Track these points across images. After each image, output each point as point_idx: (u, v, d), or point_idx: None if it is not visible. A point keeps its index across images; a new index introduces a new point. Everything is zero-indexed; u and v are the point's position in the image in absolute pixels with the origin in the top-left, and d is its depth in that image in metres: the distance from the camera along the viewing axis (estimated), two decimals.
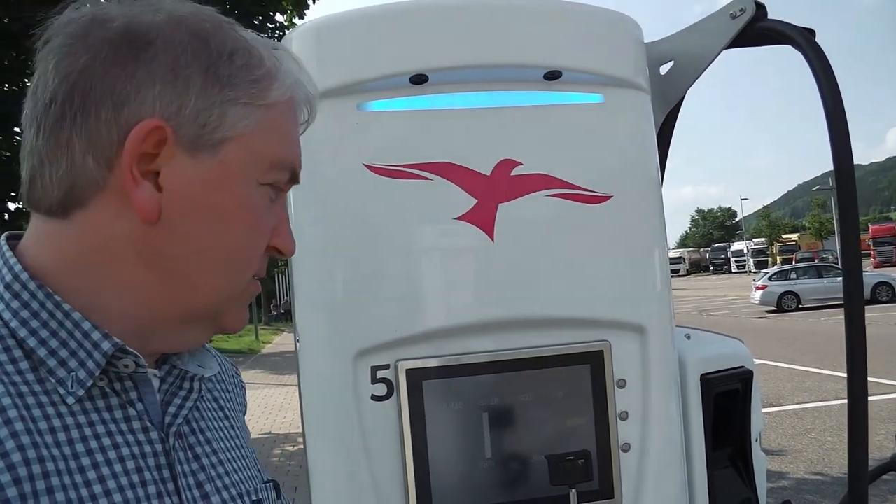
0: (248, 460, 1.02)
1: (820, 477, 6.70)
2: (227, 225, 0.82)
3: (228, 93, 0.81)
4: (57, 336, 0.79)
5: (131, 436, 0.81)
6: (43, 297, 0.80)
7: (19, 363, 0.77)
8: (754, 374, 1.53)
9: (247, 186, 0.82)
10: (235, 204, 0.82)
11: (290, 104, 0.86)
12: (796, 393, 10.51)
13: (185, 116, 0.78)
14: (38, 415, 0.75)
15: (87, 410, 0.79)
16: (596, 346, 1.33)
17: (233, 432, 1.02)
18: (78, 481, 0.74)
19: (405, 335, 1.27)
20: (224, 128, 0.80)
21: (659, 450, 1.36)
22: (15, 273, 0.80)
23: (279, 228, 0.87)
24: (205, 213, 0.81)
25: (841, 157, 1.27)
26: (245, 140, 0.81)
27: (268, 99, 0.82)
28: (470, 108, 1.31)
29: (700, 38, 1.47)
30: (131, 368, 0.82)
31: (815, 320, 21.24)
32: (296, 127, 0.89)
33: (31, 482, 0.70)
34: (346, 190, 1.29)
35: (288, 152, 0.86)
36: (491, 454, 1.28)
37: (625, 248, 1.35)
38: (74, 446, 0.75)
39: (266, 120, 0.82)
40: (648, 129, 1.42)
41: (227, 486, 0.93)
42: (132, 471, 0.79)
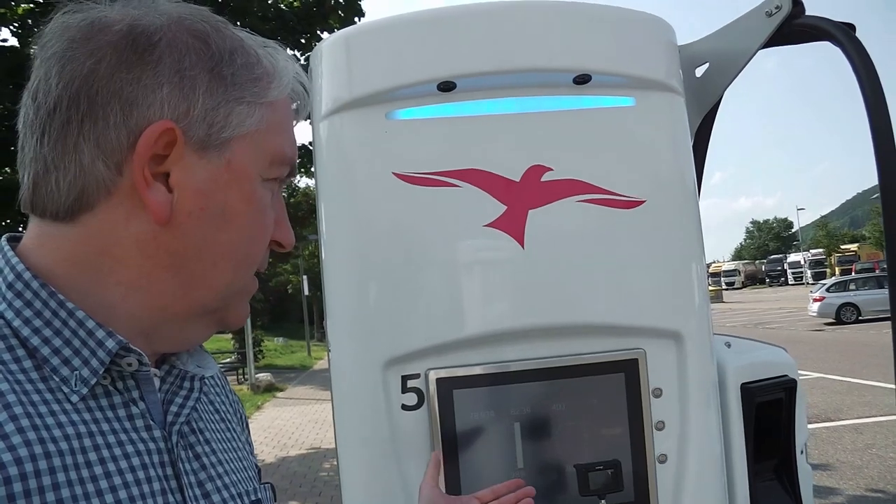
0: (245, 461, 1.02)
1: (881, 494, 6.48)
2: (234, 222, 0.83)
3: (233, 92, 0.82)
4: (60, 335, 0.80)
5: (135, 434, 0.81)
6: (46, 295, 0.80)
7: (23, 362, 0.78)
8: (798, 384, 1.48)
9: (252, 183, 0.84)
10: (242, 201, 0.83)
11: (287, 100, 0.88)
12: (856, 407, 10.20)
13: (193, 117, 0.79)
14: (44, 411, 0.75)
15: (90, 408, 0.79)
16: (630, 355, 1.30)
17: (229, 434, 1.02)
18: (84, 476, 0.74)
19: (435, 344, 1.26)
20: (230, 127, 0.82)
21: (697, 461, 1.32)
22: (17, 272, 0.81)
23: (279, 222, 0.88)
24: (213, 211, 0.82)
25: (884, 157, 1.23)
26: (250, 138, 0.83)
27: (268, 97, 0.84)
28: (498, 115, 1.30)
29: (735, 37, 1.44)
30: (134, 367, 0.82)
31: (877, 332, 20.63)
32: (291, 122, 0.90)
33: (38, 477, 0.70)
34: (376, 199, 1.29)
35: (287, 147, 0.87)
36: (523, 464, 1.26)
37: (659, 252, 1.32)
38: (81, 441, 0.76)
39: (268, 117, 0.84)
40: (682, 132, 1.39)
41: (226, 486, 0.93)
42: (137, 467, 0.79)
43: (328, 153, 1.32)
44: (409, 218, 1.27)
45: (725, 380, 1.39)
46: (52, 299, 0.80)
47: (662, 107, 1.35)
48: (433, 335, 1.27)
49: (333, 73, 1.33)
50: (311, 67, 1.37)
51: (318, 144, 1.34)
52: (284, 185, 0.92)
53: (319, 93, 1.33)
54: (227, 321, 0.89)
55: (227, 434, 1.02)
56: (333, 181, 1.32)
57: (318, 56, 1.35)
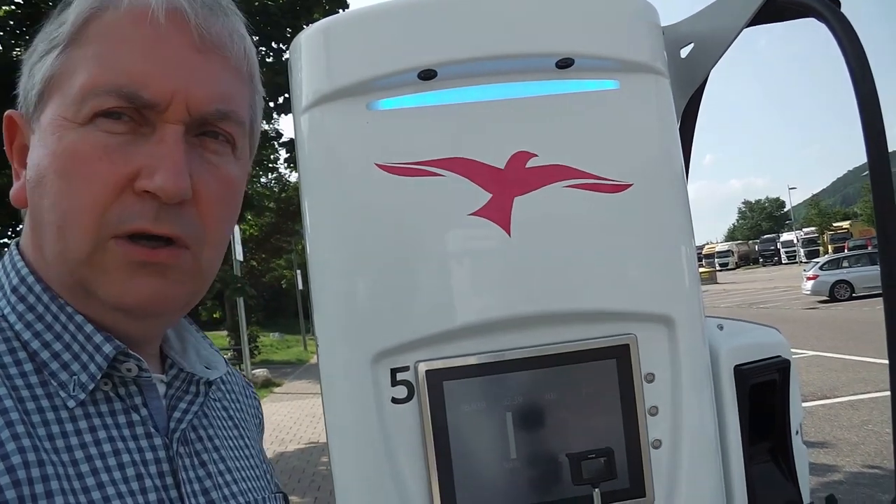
0: (257, 469, 1.00)
1: (878, 470, 6.51)
2: (47, 184, 0.77)
3: (39, 49, 0.81)
4: (61, 339, 0.79)
5: (133, 442, 0.80)
6: (48, 299, 0.80)
7: (24, 365, 0.77)
8: (792, 364, 1.47)
9: (58, 134, 0.77)
10: (47, 157, 0.77)
11: (106, 19, 0.78)
12: (852, 384, 10.26)
13: (23, 97, 0.81)
14: (40, 419, 0.75)
15: (89, 415, 0.78)
16: (622, 340, 1.28)
17: (241, 441, 1.00)
18: (76, 487, 0.73)
19: (423, 335, 1.25)
20: (35, 87, 0.81)
21: (692, 445, 1.31)
22: (22, 276, 0.81)
23: (149, 167, 0.77)
24: (35, 181, 0.79)
25: (872, 134, 1.21)
26: (54, 87, 0.78)
27: (63, 31, 0.79)
28: (481, 102, 1.28)
29: (720, 16, 1.42)
30: (134, 372, 0.81)
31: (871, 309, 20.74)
32: (121, 40, 0.78)
33: (31, 485, 0.69)
34: (360, 191, 1.27)
35: (102, 73, 0.77)
36: (516, 454, 1.25)
37: (648, 236, 1.31)
38: (74, 453, 0.75)
39: (69, 53, 0.78)
40: (668, 114, 1.37)
41: (234, 495, 0.91)
42: (132, 478, 0.78)
43: (310, 146, 1.30)
44: (394, 209, 1.26)
45: (718, 362, 1.38)
46: (53, 303, 0.80)
47: (647, 89, 1.34)
48: (421, 327, 1.25)
49: (313, 65, 1.31)
50: (290, 60, 1.35)
51: (300, 138, 1.32)
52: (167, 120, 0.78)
53: (300, 86, 1.31)
54: (103, 299, 0.78)
55: (240, 441, 1.00)
56: (316, 174, 1.30)
57: (297, 48, 1.33)
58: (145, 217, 0.77)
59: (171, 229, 0.79)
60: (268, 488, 1.02)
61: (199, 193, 0.81)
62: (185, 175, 0.78)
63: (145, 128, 0.78)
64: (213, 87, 0.82)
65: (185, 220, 0.80)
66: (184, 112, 0.79)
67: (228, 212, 0.87)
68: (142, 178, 0.76)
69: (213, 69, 0.82)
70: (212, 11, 0.82)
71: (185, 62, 0.80)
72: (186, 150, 0.79)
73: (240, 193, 0.90)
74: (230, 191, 0.86)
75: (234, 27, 0.86)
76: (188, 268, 0.83)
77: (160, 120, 0.79)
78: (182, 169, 0.77)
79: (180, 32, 0.80)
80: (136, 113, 0.78)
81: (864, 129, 1.20)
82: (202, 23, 0.81)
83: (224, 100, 0.83)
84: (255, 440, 1.07)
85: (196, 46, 0.81)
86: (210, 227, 0.84)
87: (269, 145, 11.20)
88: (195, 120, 0.81)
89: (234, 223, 0.90)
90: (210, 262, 0.86)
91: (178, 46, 0.80)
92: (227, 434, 0.98)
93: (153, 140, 0.78)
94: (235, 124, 0.86)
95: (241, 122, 0.88)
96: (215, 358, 0.98)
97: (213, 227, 0.84)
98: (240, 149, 0.89)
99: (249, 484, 0.96)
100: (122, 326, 0.81)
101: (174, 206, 0.78)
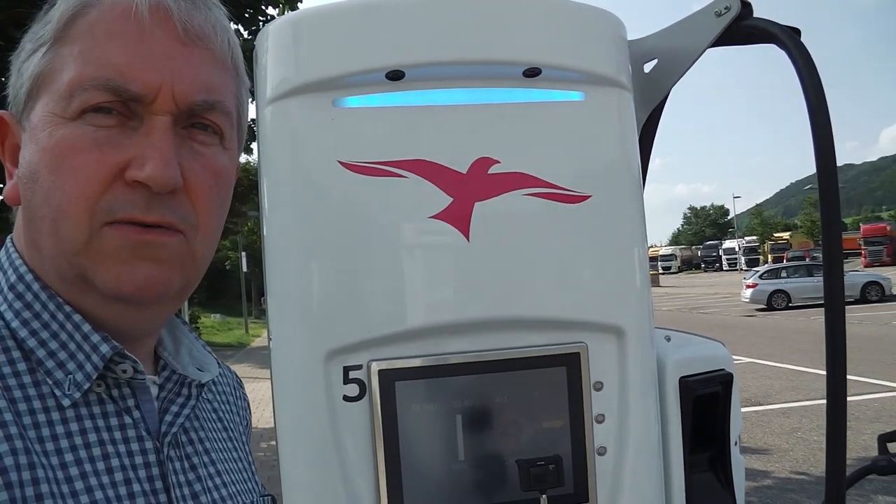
0: (246, 472, 1.01)
1: (805, 476, 6.73)
2: (39, 179, 0.78)
3: (26, 49, 0.82)
4: (57, 338, 0.79)
5: (123, 445, 0.80)
6: (45, 298, 0.80)
7: (17, 364, 0.77)
8: (734, 377, 1.51)
9: (48, 129, 0.78)
10: (38, 153, 0.78)
11: (91, 16, 0.80)
12: (784, 392, 10.56)
13: (12, 97, 0.82)
14: (31, 421, 0.74)
15: (81, 416, 0.78)
16: (572, 348, 1.31)
17: (230, 444, 1.01)
18: (66, 491, 0.73)
19: (378, 335, 1.25)
20: (24, 85, 0.81)
21: (636, 453, 1.34)
22: (20, 274, 0.81)
23: (139, 157, 0.78)
24: (27, 178, 0.80)
25: (824, 157, 1.25)
26: (43, 85, 0.79)
27: (49, 30, 0.80)
28: (447, 105, 1.29)
29: (684, 35, 1.45)
30: (129, 374, 0.81)
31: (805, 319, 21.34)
32: (106, 35, 0.79)
33: (21, 488, 0.69)
34: (320, 187, 1.26)
35: (89, 68, 0.78)
36: (464, 457, 1.26)
37: (603, 248, 1.33)
38: (64, 455, 0.75)
39: (57, 51, 0.79)
40: (630, 128, 1.40)
41: (224, 498, 0.92)
42: (121, 482, 0.78)
43: (273, 139, 1.29)
44: (355, 208, 1.26)
45: (664, 373, 1.42)
46: (51, 301, 0.80)
47: (611, 102, 1.36)
48: (376, 326, 1.25)
49: (280, 57, 1.30)
50: (256, 51, 1.34)
51: (263, 128, 1.31)
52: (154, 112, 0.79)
53: (265, 76, 1.30)
54: (102, 288, 0.79)
55: (229, 444, 1.00)
56: (277, 168, 1.29)
57: (264, 39, 1.32)
58: (136, 206, 0.78)
59: (161, 217, 0.80)
60: (256, 491, 1.03)
61: (189, 183, 0.82)
62: (174, 164, 0.79)
63: (133, 121, 0.79)
64: (198, 79, 0.83)
65: (176, 208, 0.81)
66: (171, 103, 0.80)
67: (219, 201, 0.88)
68: (132, 168, 0.77)
69: (198, 61, 0.84)
70: (194, 5, 0.84)
71: (171, 55, 0.81)
72: (175, 141, 0.80)
73: (230, 184, 0.91)
74: (220, 180, 0.87)
75: (217, 19, 0.87)
76: (181, 251, 0.83)
77: (148, 112, 0.79)
78: (171, 158, 0.78)
79: (164, 26, 0.81)
80: (123, 106, 0.79)
81: (818, 160, 1.24)
82: (185, 16, 0.82)
83: (210, 90, 0.84)
84: (243, 442, 1.07)
85: (180, 39, 0.82)
86: (202, 215, 0.85)
87: None
88: (182, 111, 0.82)
89: (225, 214, 0.91)
90: (204, 249, 0.87)
91: (162, 40, 0.80)
92: (217, 437, 0.98)
93: (141, 132, 0.79)
94: (222, 115, 0.87)
95: (228, 112, 0.89)
96: (208, 359, 0.98)
97: (204, 216, 0.85)
98: (228, 139, 0.90)
99: (238, 487, 0.97)
100: (121, 318, 0.82)
101: (165, 196, 0.79)
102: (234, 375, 1.15)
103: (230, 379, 1.14)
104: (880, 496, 5.93)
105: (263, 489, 1.09)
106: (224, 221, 0.93)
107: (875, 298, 25.44)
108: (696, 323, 21.32)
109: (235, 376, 1.15)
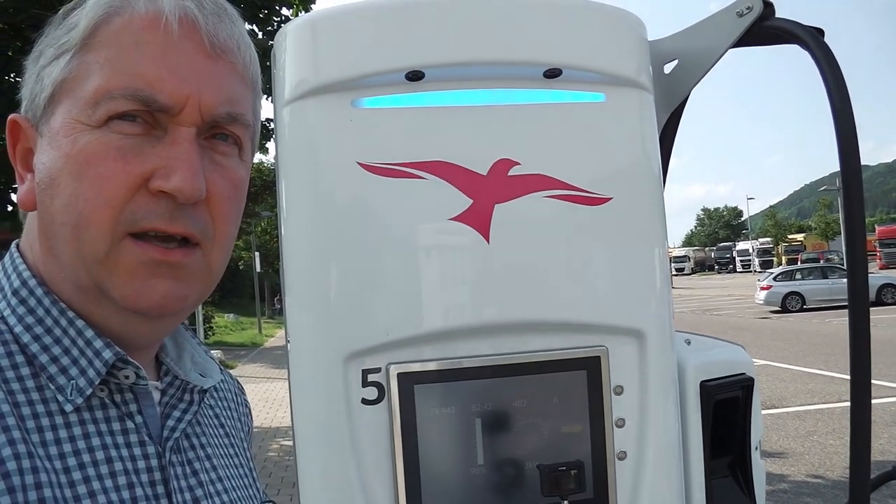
0: (247, 478, 1.01)
1: (821, 480, 6.68)
2: (60, 185, 0.78)
3: (46, 54, 0.82)
4: (60, 343, 0.79)
5: (126, 450, 0.80)
6: (49, 303, 0.80)
7: (20, 369, 0.77)
8: (755, 382, 1.50)
9: (71, 136, 0.78)
10: (60, 159, 0.78)
11: (117, 24, 0.80)
12: (799, 395, 10.48)
13: (29, 101, 0.82)
14: (34, 425, 0.75)
15: (84, 421, 0.78)
16: (593, 352, 1.29)
17: (232, 450, 1.01)
18: (68, 495, 0.74)
19: (397, 338, 1.24)
20: (44, 90, 0.82)
21: (656, 458, 1.32)
22: (23, 279, 0.81)
23: (165, 168, 0.78)
24: (45, 181, 0.80)
25: (848, 158, 1.24)
26: (65, 91, 0.79)
27: (74, 36, 0.79)
28: (467, 107, 1.28)
29: (705, 36, 1.44)
30: (132, 380, 0.82)
31: (820, 321, 21.20)
32: (134, 45, 0.79)
33: (24, 492, 0.69)
34: (340, 188, 1.26)
35: (117, 77, 0.78)
36: (483, 461, 1.25)
37: (624, 251, 1.32)
38: (67, 460, 0.75)
39: (81, 58, 0.79)
40: (651, 130, 1.38)
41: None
42: (123, 486, 0.78)
43: (291, 140, 1.29)
44: (374, 210, 1.25)
45: (685, 377, 1.40)
46: (54, 307, 0.80)
47: (632, 104, 1.35)
48: (395, 329, 1.25)
49: (298, 57, 1.29)
50: (274, 51, 1.33)
51: (281, 129, 1.30)
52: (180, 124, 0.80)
53: (283, 77, 1.30)
54: (119, 301, 0.79)
55: (231, 449, 1.01)
56: (296, 169, 1.29)
57: (282, 39, 1.31)
58: (160, 216, 0.78)
59: (185, 228, 0.80)
60: (257, 496, 1.03)
61: (210, 194, 0.83)
62: (200, 176, 0.80)
63: (158, 130, 0.80)
64: (223, 91, 0.84)
65: (197, 220, 0.82)
66: (196, 115, 0.81)
67: (236, 212, 0.89)
68: (157, 178, 0.77)
69: (223, 74, 0.85)
70: (220, 19, 0.85)
71: (197, 67, 0.82)
72: (199, 152, 0.80)
73: (244, 194, 0.92)
74: (237, 191, 0.88)
75: (241, 35, 0.88)
76: (199, 267, 0.84)
77: (173, 123, 0.80)
78: (198, 170, 0.79)
79: (191, 39, 0.82)
80: (149, 116, 0.79)
81: (842, 161, 1.22)
82: (212, 29, 0.83)
83: (233, 103, 0.85)
84: (244, 448, 1.07)
85: (206, 52, 0.83)
86: (219, 225, 0.86)
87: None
88: (206, 123, 0.83)
89: (239, 223, 0.91)
90: (219, 261, 0.88)
91: (190, 52, 0.81)
92: (219, 442, 0.99)
93: (166, 142, 0.79)
94: (242, 127, 0.88)
95: (248, 125, 0.89)
96: (210, 365, 0.98)
97: (222, 227, 0.86)
98: (245, 151, 0.91)
99: (240, 493, 0.97)
100: (131, 328, 0.82)
101: (188, 207, 0.80)
102: (236, 382, 1.16)
103: (232, 385, 1.15)
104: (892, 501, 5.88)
105: (265, 495, 1.09)
106: (238, 232, 0.93)
107: (891, 301, 25.25)
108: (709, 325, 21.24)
109: (237, 383, 1.16)
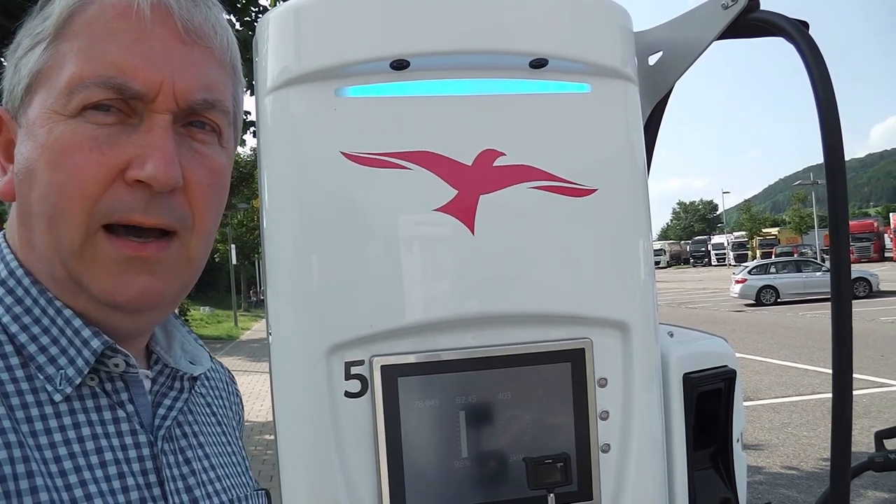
0: (239, 467, 1.01)
1: (795, 472, 6.76)
2: (36, 176, 0.78)
3: (19, 50, 0.81)
4: (48, 333, 0.79)
5: (117, 439, 0.80)
6: (36, 293, 0.80)
7: (10, 359, 0.76)
8: (737, 374, 1.50)
9: (46, 126, 0.77)
10: (36, 150, 0.78)
11: (90, 12, 0.79)
12: (774, 387, 10.60)
13: (8, 93, 0.81)
14: (24, 415, 0.75)
15: (74, 410, 0.78)
16: (577, 344, 1.29)
17: (224, 438, 1.01)
18: (59, 484, 0.73)
19: (380, 330, 1.23)
20: (21, 81, 0.80)
21: (639, 450, 1.32)
22: (11, 269, 0.81)
23: (140, 156, 0.77)
24: (24, 174, 0.79)
25: (832, 151, 1.24)
26: (41, 82, 0.79)
27: (48, 26, 0.79)
28: (452, 96, 1.27)
29: (690, 27, 1.43)
30: (122, 368, 0.81)
31: (794, 314, 21.45)
32: (107, 33, 0.78)
33: (15, 481, 0.68)
34: (322, 178, 1.24)
35: (90, 65, 0.77)
36: (467, 454, 1.25)
37: (609, 243, 1.32)
38: (57, 449, 0.75)
39: (56, 47, 0.79)
40: (636, 121, 1.38)
41: (217, 492, 0.91)
42: (114, 476, 0.78)
43: (273, 129, 1.27)
44: (358, 201, 1.23)
45: (668, 369, 1.40)
46: (42, 297, 0.80)
47: (617, 95, 1.34)
48: (378, 321, 1.23)
49: (281, 45, 1.27)
50: (256, 39, 1.31)
51: (263, 119, 1.28)
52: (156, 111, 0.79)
53: (265, 65, 1.28)
54: (95, 294, 0.79)
55: (222, 438, 1.00)
56: (278, 159, 1.27)
57: (264, 27, 1.29)
58: (135, 208, 0.77)
59: (160, 219, 0.79)
60: (250, 485, 1.02)
61: (187, 181, 0.82)
62: (175, 163, 0.78)
63: (133, 118, 0.79)
64: (198, 77, 0.82)
65: (174, 209, 0.81)
66: (171, 102, 0.80)
67: (216, 200, 0.87)
68: (133, 167, 0.77)
69: (198, 60, 0.83)
70: (194, 3, 0.84)
71: (171, 53, 0.80)
72: (175, 140, 0.79)
73: (226, 182, 0.90)
74: (217, 179, 0.86)
75: (217, 18, 0.86)
76: (177, 259, 0.83)
77: (148, 110, 0.79)
78: (172, 157, 0.78)
79: (165, 24, 0.80)
80: (124, 104, 0.78)
81: (826, 156, 1.22)
82: (185, 14, 0.82)
83: (209, 89, 0.84)
84: (236, 437, 1.06)
85: (181, 38, 0.81)
86: (198, 214, 0.84)
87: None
88: (182, 110, 0.82)
89: (221, 211, 0.90)
90: (199, 250, 0.86)
91: (163, 38, 0.80)
92: (211, 430, 0.98)
93: (141, 130, 0.78)
94: (221, 113, 0.86)
95: (227, 111, 0.88)
96: (200, 353, 0.97)
97: (201, 215, 0.84)
98: (225, 138, 0.89)
99: (232, 481, 0.96)
100: (112, 321, 0.81)
101: (164, 195, 0.79)
102: (227, 371, 1.15)
103: (222, 374, 1.14)
104: (870, 491, 5.96)
105: (257, 483, 1.08)
106: (220, 221, 0.92)
107: (863, 294, 25.60)
108: (685, 318, 21.41)
109: (227, 372, 1.14)
